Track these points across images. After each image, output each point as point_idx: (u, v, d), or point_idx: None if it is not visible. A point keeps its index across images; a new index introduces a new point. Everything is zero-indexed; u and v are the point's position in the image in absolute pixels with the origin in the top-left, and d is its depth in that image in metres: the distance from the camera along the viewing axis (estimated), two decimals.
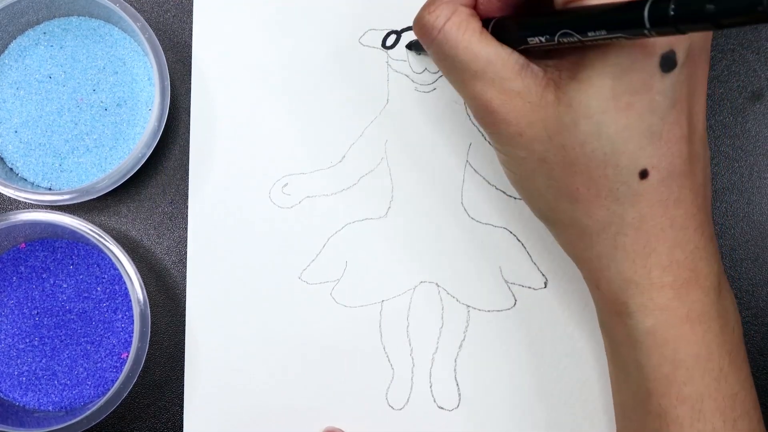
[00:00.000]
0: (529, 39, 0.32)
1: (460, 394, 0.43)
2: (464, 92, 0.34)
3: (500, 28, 0.33)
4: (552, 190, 0.33)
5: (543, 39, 0.31)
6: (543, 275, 0.43)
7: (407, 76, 0.44)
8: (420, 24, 0.34)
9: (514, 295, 0.43)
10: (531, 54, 0.33)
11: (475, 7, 0.34)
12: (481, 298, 0.43)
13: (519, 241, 0.43)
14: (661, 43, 0.30)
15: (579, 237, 0.33)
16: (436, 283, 0.43)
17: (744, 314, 0.44)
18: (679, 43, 0.30)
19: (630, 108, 0.30)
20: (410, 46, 0.44)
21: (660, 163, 0.31)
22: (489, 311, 0.43)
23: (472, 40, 0.33)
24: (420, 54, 0.44)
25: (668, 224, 0.32)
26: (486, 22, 0.34)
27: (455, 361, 0.43)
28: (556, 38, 0.30)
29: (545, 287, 0.43)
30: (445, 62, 0.34)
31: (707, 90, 0.44)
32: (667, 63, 0.30)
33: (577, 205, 0.32)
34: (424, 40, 0.34)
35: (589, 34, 0.29)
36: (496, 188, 0.44)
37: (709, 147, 0.43)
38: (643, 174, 0.31)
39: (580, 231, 0.33)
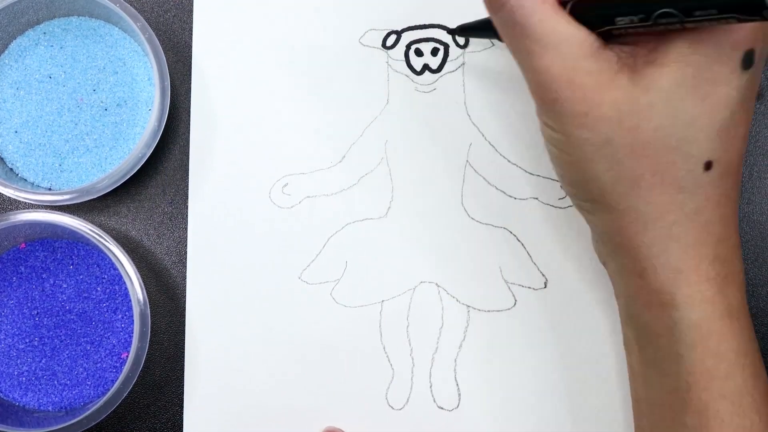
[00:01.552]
0: (617, 19, 0.30)
1: (460, 394, 0.43)
2: (530, 64, 0.32)
3: (581, 7, 0.32)
4: (612, 174, 0.32)
5: (636, 18, 0.30)
6: (543, 275, 0.43)
7: (407, 76, 0.44)
8: None
9: (514, 295, 0.43)
10: (606, 38, 0.32)
11: None
12: (481, 298, 0.43)
13: (519, 241, 0.43)
14: (746, 40, 0.30)
15: (632, 223, 0.33)
16: (436, 283, 0.43)
17: None
18: (758, 43, 0.30)
19: (708, 98, 0.30)
20: (456, 30, 0.42)
21: (722, 157, 0.31)
22: (489, 311, 0.43)
23: (548, 13, 0.32)
24: (464, 36, 0.43)
25: (718, 219, 0.32)
26: (564, 1, 0.33)
27: (455, 361, 0.43)
28: (652, 18, 0.29)
29: (545, 287, 0.43)
30: (514, 30, 0.32)
31: None
32: (748, 60, 0.30)
33: (639, 191, 0.32)
34: (493, 6, 0.33)
35: (697, 13, 0.28)
36: (496, 188, 0.44)
37: None
38: (708, 166, 0.31)
39: (635, 217, 0.33)
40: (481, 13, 0.36)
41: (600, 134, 0.32)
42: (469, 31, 0.42)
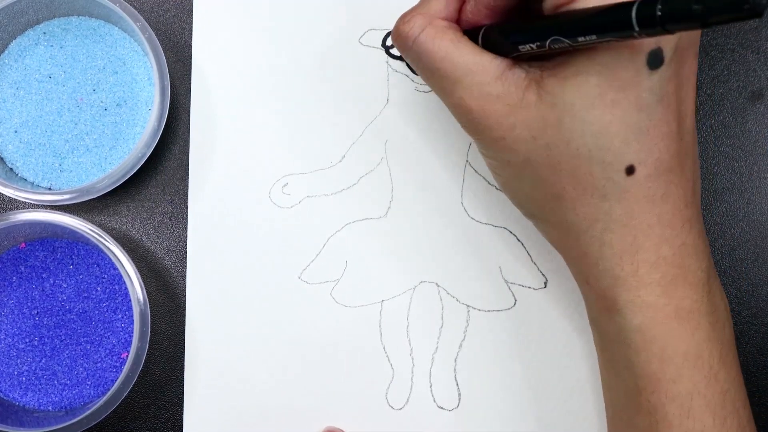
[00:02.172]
0: (520, 47, 0.32)
1: (460, 394, 0.43)
2: (445, 100, 0.34)
3: (490, 37, 0.33)
4: (538, 191, 0.33)
5: (534, 46, 0.31)
6: (543, 275, 0.43)
7: (407, 76, 0.44)
8: (396, 34, 0.35)
9: (514, 295, 0.43)
10: (519, 58, 0.33)
11: (460, 16, 0.35)
12: (481, 298, 0.43)
13: (519, 241, 0.43)
14: (649, 40, 0.30)
15: (567, 234, 0.34)
16: (436, 283, 0.43)
17: (744, 314, 0.44)
18: (666, 40, 0.30)
19: (616, 105, 0.30)
20: (386, 49, 0.44)
21: (647, 158, 0.31)
22: (489, 311, 0.43)
23: (448, 49, 0.33)
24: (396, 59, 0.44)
25: (655, 220, 0.32)
26: (475, 32, 0.34)
27: (455, 361, 0.43)
28: (547, 44, 0.30)
29: (545, 287, 0.43)
30: (423, 72, 0.34)
31: (710, 90, 0.44)
32: (655, 60, 0.30)
33: (564, 203, 0.32)
34: (401, 50, 0.35)
35: (579, 39, 0.29)
36: (496, 188, 0.44)
37: (708, 147, 0.43)
38: (630, 170, 0.31)
39: (567, 229, 0.33)
40: None
41: (519, 155, 0.33)
42: (393, 54, 0.44)
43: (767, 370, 0.44)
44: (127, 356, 0.42)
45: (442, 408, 0.43)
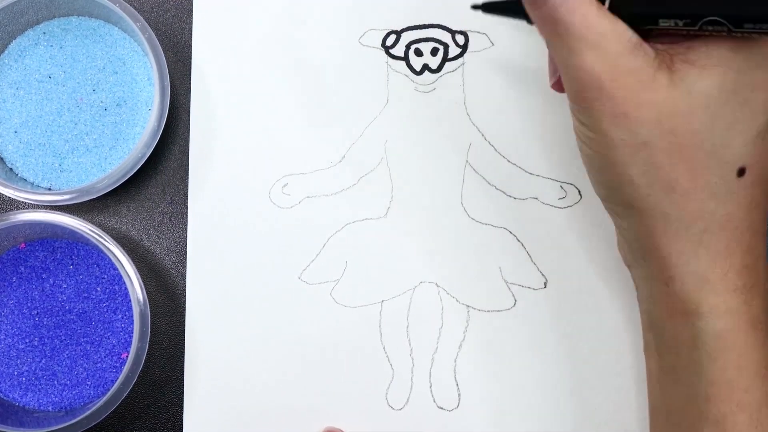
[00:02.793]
0: (661, 21, 0.30)
1: (459, 394, 0.43)
2: (571, 62, 0.31)
3: (620, 5, 0.31)
4: (647, 177, 0.31)
5: (680, 23, 0.29)
6: (543, 275, 0.43)
7: (407, 76, 0.44)
8: None
9: (514, 295, 0.43)
10: (648, 35, 0.31)
11: None
12: (481, 298, 0.43)
13: (519, 241, 0.43)
14: None
15: (664, 229, 0.32)
16: (436, 283, 0.43)
17: None
18: None
19: (747, 104, 0.30)
20: (481, 6, 0.38)
21: (756, 163, 0.31)
22: (489, 311, 0.43)
23: (589, 9, 0.31)
24: (489, 13, 0.38)
25: (747, 227, 0.32)
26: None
27: (455, 361, 0.43)
28: (698, 24, 0.28)
29: (545, 287, 0.43)
30: (555, 27, 0.31)
31: None
32: None
33: (673, 196, 0.31)
34: (532, 7, 0.32)
35: (746, 25, 0.27)
36: (496, 188, 0.44)
37: None
38: (741, 172, 0.31)
39: (666, 223, 0.32)
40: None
41: (638, 136, 0.31)
42: (496, 10, 0.38)
43: None
44: (127, 356, 0.42)
45: (442, 408, 0.43)
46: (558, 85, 0.36)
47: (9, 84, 0.43)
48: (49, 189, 0.43)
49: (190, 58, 0.44)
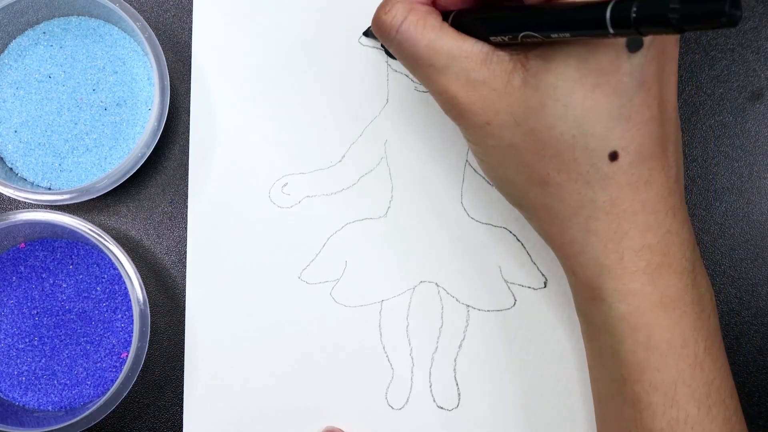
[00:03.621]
0: (491, 38, 0.32)
1: (459, 394, 0.43)
2: (430, 87, 0.34)
3: (461, 21, 0.33)
4: (523, 176, 0.33)
5: (506, 38, 0.31)
6: (543, 275, 0.43)
7: (407, 76, 0.44)
8: (377, 24, 0.34)
9: (513, 295, 0.43)
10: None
11: (434, 1, 0.34)
12: (481, 298, 0.43)
13: (519, 241, 0.43)
14: None
15: (552, 222, 0.33)
16: (436, 283, 0.43)
17: (744, 314, 0.44)
18: None
19: (597, 89, 0.30)
20: (368, 33, 0.44)
21: (629, 144, 0.31)
22: (489, 311, 0.43)
23: (431, 36, 0.33)
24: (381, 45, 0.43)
25: (639, 207, 0.32)
26: (446, 15, 0.34)
27: (455, 361, 0.43)
28: (519, 38, 0.30)
29: (545, 287, 0.43)
30: (407, 60, 0.34)
31: (710, 90, 0.44)
32: (634, 43, 0.30)
33: (549, 190, 0.32)
34: (384, 40, 0.34)
35: (552, 35, 0.29)
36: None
37: (708, 147, 0.42)
38: (613, 156, 0.31)
39: (552, 216, 0.33)
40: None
41: (503, 140, 0.32)
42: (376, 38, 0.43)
43: (767, 370, 0.44)
44: (126, 356, 0.42)
45: (442, 408, 0.43)
46: None
47: (9, 84, 0.43)
48: (49, 189, 0.43)
49: (190, 58, 0.44)
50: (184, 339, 0.43)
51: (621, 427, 0.34)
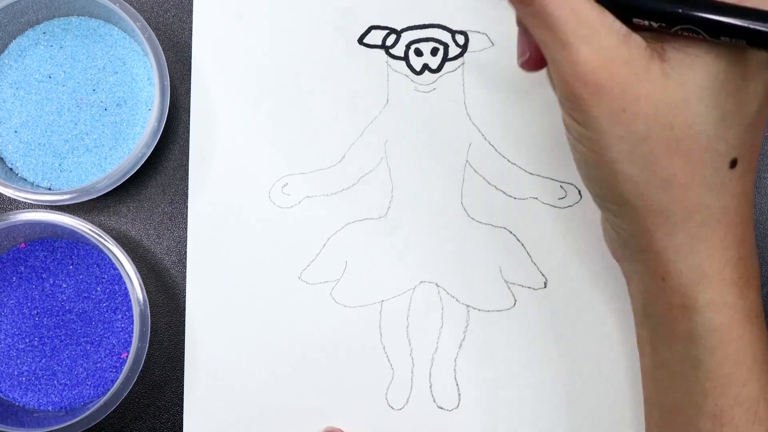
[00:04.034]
0: (634, 20, 0.29)
1: (460, 394, 0.43)
2: (564, 57, 0.30)
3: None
4: (646, 174, 0.31)
5: (654, 24, 0.29)
6: (543, 275, 0.43)
7: (407, 76, 0.44)
8: None
9: (514, 295, 0.43)
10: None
11: None
12: (481, 298, 0.43)
13: (519, 241, 0.43)
14: None
15: (661, 225, 0.32)
16: (436, 283, 0.43)
17: None
18: None
19: (737, 94, 0.30)
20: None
21: (746, 154, 0.31)
22: (489, 311, 0.43)
23: (577, 3, 0.30)
24: None
25: (740, 219, 0.31)
26: None
27: (455, 361, 0.43)
28: (673, 30, 0.28)
29: (545, 287, 0.43)
30: (545, 21, 0.30)
31: None
32: None
33: (671, 191, 0.31)
34: (520, 4, 0.31)
35: (722, 38, 0.27)
36: (496, 188, 0.44)
37: None
38: (733, 163, 0.30)
39: (664, 218, 0.31)
40: (482, 12, 0.36)
41: (636, 132, 0.30)
42: None
43: None
44: (126, 356, 0.42)
45: (442, 408, 0.43)
46: (528, 65, 0.34)
47: (9, 84, 0.43)
48: (49, 189, 0.43)
49: (190, 58, 0.44)
50: (184, 339, 0.43)
51: None
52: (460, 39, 0.44)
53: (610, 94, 0.30)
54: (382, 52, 0.44)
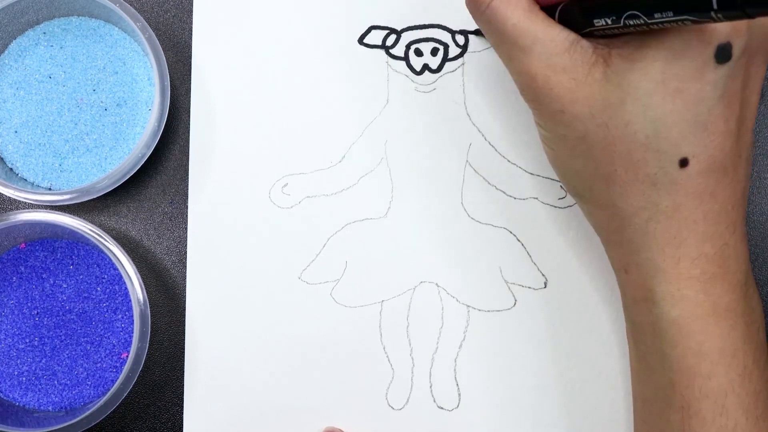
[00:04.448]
0: (594, 21, 0.32)
1: (460, 394, 0.43)
2: (511, 66, 0.34)
3: (566, 13, 0.34)
4: (589, 170, 0.33)
5: (609, 21, 0.31)
6: (543, 275, 0.43)
7: (407, 76, 0.44)
8: None
9: (514, 295, 0.43)
10: (592, 35, 0.33)
11: None
12: (481, 298, 0.43)
13: (519, 241, 0.43)
14: (719, 33, 0.30)
15: (611, 219, 0.33)
16: (436, 283, 0.43)
17: None
18: (737, 36, 0.30)
19: (678, 94, 0.30)
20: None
21: (701, 153, 0.31)
22: (489, 311, 0.43)
23: (519, 16, 0.33)
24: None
25: (701, 217, 0.32)
26: (552, 9, 0.34)
27: (455, 361, 0.43)
28: (622, 20, 0.30)
29: (545, 287, 0.43)
30: (493, 36, 0.34)
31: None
32: (723, 54, 0.30)
33: (614, 187, 0.33)
34: (474, 15, 0.35)
35: (656, 15, 0.28)
36: (496, 188, 0.44)
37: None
38: (683, 162, 0.31)
39: (612, 213, 0.33)
40: None
41: (575, 131, 0.33)
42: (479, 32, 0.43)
43: None
44: (127, 356, 0.42)
45: (442, 408, 0.43)
46: None
47: (9, 84, 0.43)
48: (50, 189, 0.43)
49: (190, 58, 0.44)
50: (184, 339, 0.43)
51: (666, 430, 0.34)
52: (460, 39, 0.44)
53: (548, 97, 0.33)
54: (382, 52, 0.44)
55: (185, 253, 0.43)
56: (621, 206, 0.33)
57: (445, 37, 0.44)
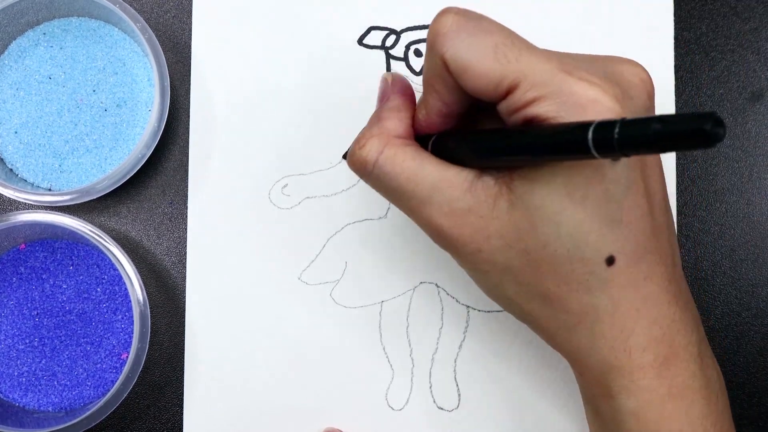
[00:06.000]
0: (483, 161, 0.32)
1: (459, 395, 0.43)
2: (415, 220, 0.33)
3: (443, 146, 0.33)
4: (522, 295, 0.33)
5: (498, 161, 0.31)
6: None
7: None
8: (353, 161, 0.34)
9: None
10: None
11: (413, 124, 0.34)
12: (480, 298, 0.43)
13: None
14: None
15: (557, 332, 0.33)
16: (436, 284, 0.43)
17: (744, 315, 0.44)
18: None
19: (585, 200, 0.30)
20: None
21: (624, 246, 0.31)
22: (489, 311, 0.43)
23: (411, 168, 0.32)
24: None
25: (641, 303, 0.32)
26: (425, 139, 0.34)
27: (455, 361, 0.43)
28: (511, 161, 0.30)
29: None
30: (388, 194, 0.33)
31: (710, 91, 0.44)
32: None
33: (551, 303, 0.32)
34: (361, 176, 0.34)
35: (535, 159, 0.29)
36: None
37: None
38: (610, 261, 0.31)
39: (557, 326, 0.33)
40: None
41: (498, 264, 0.32)
42: None
43: (767, 371, 0.44)
44: (127, 357, 0.42)
45: (442, 408, 0.43)
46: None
47: (9, 85, 0.43)
48: (50, 189, 0.43)
49: (190, 58, 0.44)
50: (184, 339, 0.43)
51: None
52: None
53: (460, 240, 0.32)
54: (381, 52, 0.44)
55: (185, 253, 0.43)
56: (563, 318, 0.32)
57: None
